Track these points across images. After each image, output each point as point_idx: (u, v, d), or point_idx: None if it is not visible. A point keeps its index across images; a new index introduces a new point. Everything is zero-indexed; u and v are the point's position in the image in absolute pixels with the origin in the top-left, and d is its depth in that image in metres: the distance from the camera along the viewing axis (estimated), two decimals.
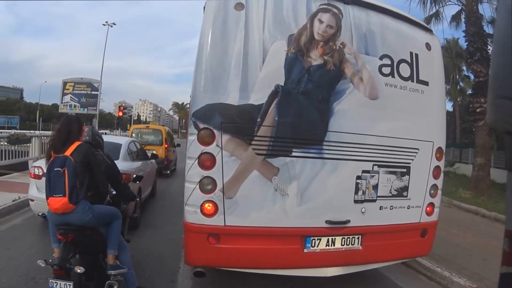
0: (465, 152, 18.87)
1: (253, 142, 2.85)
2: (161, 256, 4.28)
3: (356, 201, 3.08)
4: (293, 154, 2.91)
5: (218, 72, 2.87)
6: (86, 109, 26.45)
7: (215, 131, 2.81)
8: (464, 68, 21.24)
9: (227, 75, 2.85)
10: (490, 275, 3.94)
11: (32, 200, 4.92)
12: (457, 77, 24.03)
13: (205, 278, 3.09)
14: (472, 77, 12.49)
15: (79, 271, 2.46)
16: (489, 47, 10.42)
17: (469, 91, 19.48)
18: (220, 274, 3.37)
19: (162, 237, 4.94)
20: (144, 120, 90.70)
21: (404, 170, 3.26)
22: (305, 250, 3.00)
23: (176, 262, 4.10)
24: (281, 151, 2.90)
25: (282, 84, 2.92)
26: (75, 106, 26.32)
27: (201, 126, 2.82)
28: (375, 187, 3.15)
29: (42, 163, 4.83)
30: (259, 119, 2.86)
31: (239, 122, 2.85)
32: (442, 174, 3.47)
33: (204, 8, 3.07)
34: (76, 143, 2.74)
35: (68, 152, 2.66)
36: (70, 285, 2.41)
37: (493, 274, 3.90)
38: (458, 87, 24.70)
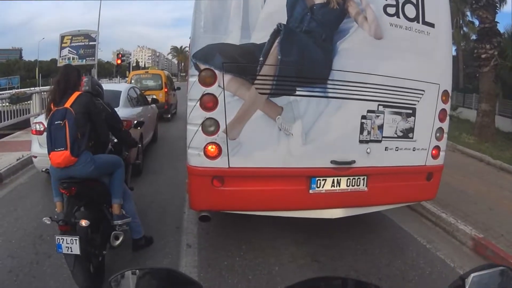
0: (469, 97, 18.58)
1: (256, 81, 2.80)
2: (165, 202, 4.30)
3: (361, 141, 3.06)
4: (297, 93, 2.87)
5: (218, 12, 2.79)
6: (84, 60, 26.24)
7: (216, 71, 2.76)
8: (468, 13, 20.73)
9: (227, 15, 2.78)
10: (496, 225, 3.95)
11: (35, 157, 4.93)
12: (461, 22, 23.52)
13: (211, 222, 3.12)
14: (476, 22, 12.14)
15: (84, 224, 2.45)
16: None
17: (473, 37, 19.14)
18: (225, 218, 3.40)
19: (165, 182, 4.94)
20: (143, 66, 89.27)
21: (410, 111, 3.21)
22: (311, 191, 3.00)
23: (180, 207, 4.13)
24: (285, 90, 2.86)
25: (285, 23, 2.84)
26: (73, 58, 26.04)
27: (202, 67, 2.77)
28: (380, 127, 3.11)
29: (43, 119, 4.81)
30: (261, 58, 2.80)
31: (241, 61, 2.79)
32: (448, 118, 3.43)
33: None
34: (76, 94, 2.69)
35: (68, 104, 2.61)
36: (76, 240, 2.38)
37: (499, 225, 3.95)
38: (461, 32, 24.20)
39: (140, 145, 4.17)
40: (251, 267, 3.03)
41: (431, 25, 3.26)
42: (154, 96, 8.28)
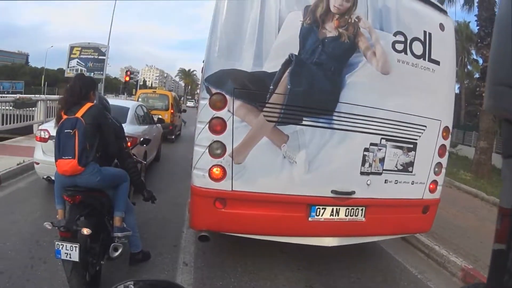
0: (468, 134, 18.87)
1: (265, 109, 2.87)
2: (164, 220, 4.33)
3: (362, 173, 3.13)
4: (304, 122, 2.94)
5: (232, 39, 2.87)
6: (92, 73, 25.88)
7: (227, 96, 2.82)
8: (473, 52, 21.14)
9: (241, 42, 2.85)
10: (486, 257, 4.02)
11: (38, 163, 4.91)
12: (466, 60, 23.92)
13: (208, 243, 3.16)
14: (480, 61, 12.52)
15: (85, 232, 2.46)
16: None
17: (476, 75, 19.48)
18: (223, 240, 3.43)
19: (166, 201, 4.96)
20: (150, 85, 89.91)
21: (411, 146, 3.30)
22: (310, 219, 3.06)
23: (179, 226, 4.17)
24: (292, 119, 2.93)
25: (296, 54, 2.92)
26: (81, 70, 25.80)
27: (214, 91, 2.84)
28: (382, 160, 3.19)
29: (49, 126, 4.84)
30: (271, 87, 2.87)
31: (251, 88, 2.86)
32: (447, 153, 3.52)
33: None
34: (88, 104, 2.70)
35: (79, 114, 2.62)
36: (76, 247, 2.41)
37: (488, 257, 3.98)
38: (465, 70, 24.58)
39: (144, 162, 4.19)
40: None
41: (437, 62, 3.36)
42: (160, 116, 8.28)
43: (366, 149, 3.12)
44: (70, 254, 2.42)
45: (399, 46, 3.19)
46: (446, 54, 3.44)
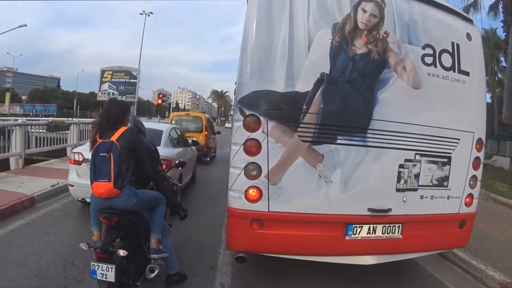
0: (503, 144, 18.38)
1: (299, 129, 2.88)
2: (201, 241, 4.32)
3: (398, 190, 3.09)
4: (338, 141, 2.93)
5: (263, 60, 2.89)
6: (124, 97, 26.37)
7: (261, 117, 2.84)
8: (502, 59, 20.70)
9: (272, 63, 2.88)
10: None
11: (72, 186, 4.97)
12: (495, 68, 23.39)
13: (246, 264, 3.14)
14: None
15: (122, 254, 2.48)
16: None
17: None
18: (260, 260, 3.41)
19: (202, 222, 4.98)
20: (183, 107, 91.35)
21: (445, 160, 3.25)
22: (347, 238, 3.02)
23: (216, 247, 4.15)
24: (326, 138, 2.92)
25: (327, 72, 2.93)
26: (113, 94, 26.41)
27: (247, 112, 2.86)
28: (417, 176, 3.15)
29: (82, 149, 4.92)
30: (305, 107, 2.88)
31: (285, 109, 2.87)
32: (481, 165, 3.45)
33: None
34: (123, 128, 2.74)
35: (114, 137, 2.66)
36: (112, 268, 2.44)
37: None
38: (496, 78, 24.00)
39: (179, 185, 4.22)
40: None
41: (466, 73, 3.33)
42: (194, 138, 8.31)
43: (401, 166, 3.09)
44: (106, 274, 2.46)
45: (428, 59, 3.18)
46: (475, 64, 3.41)
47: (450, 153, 3.26)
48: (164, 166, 3.57)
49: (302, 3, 2.94)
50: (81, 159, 4.82)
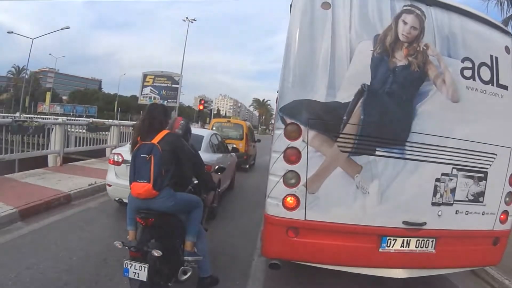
0: None
1: (339, 139, 2.89)
2: (235, 247, 4.35)
3: (433, 204, 3.07)
4: (377, 153, 2.94)
5: (306, 70, 2.92)
6: (166, 101, 26.31)
7: (301, 126, 2.86)
8: None
9: (314, 73, 2.90)
10: None
11: (110, 185, 5.02)
12: None
13: (278, 271, 3.15)
14: None
15: (156, 254, 2.51)
16: None
17: None
18: (293, 267, 3.42)
19: (237, 228, 5.01)
20: (224, 114, 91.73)
21: (482, 175, 3.22)
22: (380, 250, 3.02)
23: (249, 254, 4.17)
24: (365, 149, 2.93)
25: (368, 84, 2.94)
26: (154, 98, 26.53)
27: (288, 121, 2.89)
28: (453, 190, 3.13)
29: (122, 150, 5.02)
30: (345, 117, 2.89)
31: (325, 119, 2.89)
32: None
33: (291, 6, 3.12)
34: (164, 132, 2.79)
35: (155, 140, 2.71)
36: (145, 267, 2.47)
37: None
38: None
39: (218, 190, 4.26)
40: None
41: (505, 87, 3.30)
42: (235, 145, 8.36)
43: (437, 179, 3.07)
44: (138, 273, 2.48)
45: (467, 73, 3.16)
46: None
47: (487, 168, 3.24)
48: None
49: (344, 14, 2.96)
50: (120, 160, 4.88)
